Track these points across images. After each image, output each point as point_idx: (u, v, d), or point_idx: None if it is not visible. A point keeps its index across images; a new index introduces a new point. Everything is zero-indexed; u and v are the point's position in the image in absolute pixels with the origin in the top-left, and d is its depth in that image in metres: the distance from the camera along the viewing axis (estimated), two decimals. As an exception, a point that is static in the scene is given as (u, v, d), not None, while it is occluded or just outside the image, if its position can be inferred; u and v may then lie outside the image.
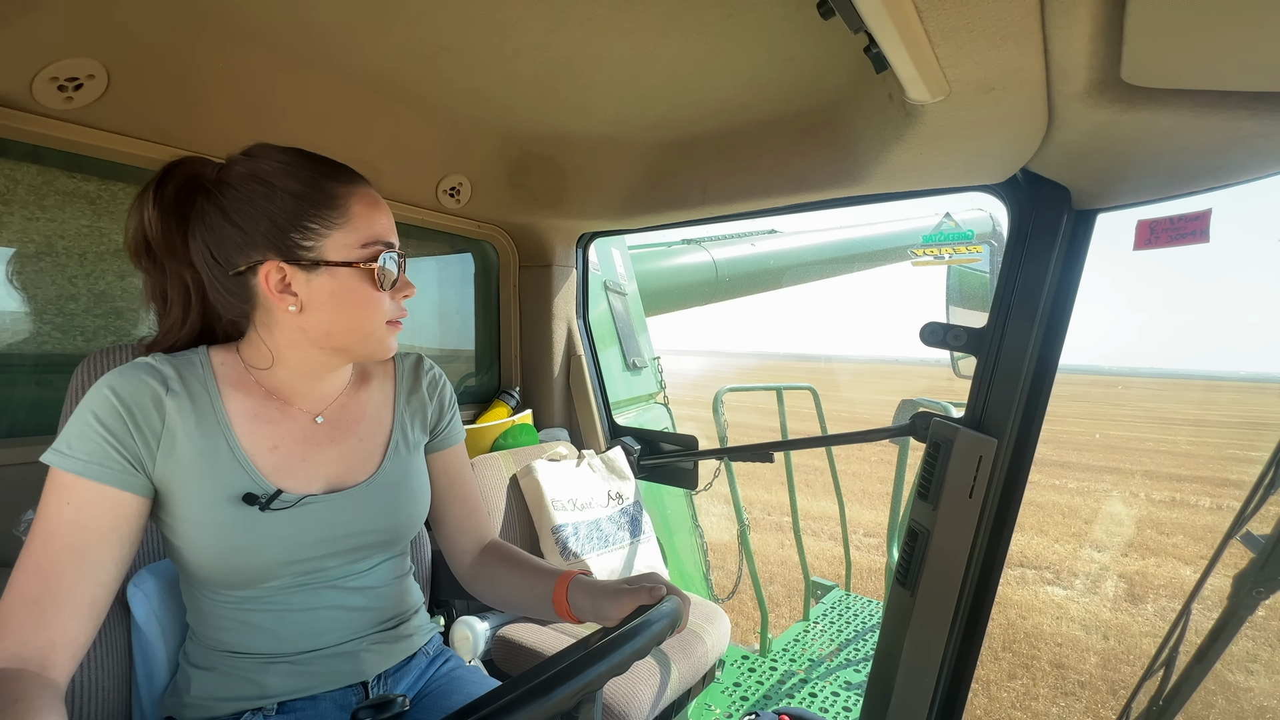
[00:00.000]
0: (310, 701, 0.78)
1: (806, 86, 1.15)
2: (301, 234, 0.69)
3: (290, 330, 0.73)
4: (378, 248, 0.73)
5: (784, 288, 4.16)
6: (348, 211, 0.71)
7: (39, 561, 0.62)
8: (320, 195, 0.70)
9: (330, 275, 0.70)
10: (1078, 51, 0.64)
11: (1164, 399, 33.43)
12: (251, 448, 0.74)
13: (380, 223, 0.74)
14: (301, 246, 0.69)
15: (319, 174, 0.71)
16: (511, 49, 1.04)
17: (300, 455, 0.77)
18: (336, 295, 0.71)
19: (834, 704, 2.05)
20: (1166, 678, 0.96)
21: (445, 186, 1.55)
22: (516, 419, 1.85)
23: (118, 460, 0.65)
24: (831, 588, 2.99)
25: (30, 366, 1.12)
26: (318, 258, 0.70)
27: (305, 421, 0.79)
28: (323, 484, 0.78)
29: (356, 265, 0.71)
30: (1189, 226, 0.98)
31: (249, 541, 0.71)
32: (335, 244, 0.70)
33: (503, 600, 0.91)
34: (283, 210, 0.69)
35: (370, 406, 0.85)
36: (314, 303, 0.71)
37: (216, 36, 0.96)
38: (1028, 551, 5.47)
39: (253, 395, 0.76)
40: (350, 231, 0.71)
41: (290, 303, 0.70)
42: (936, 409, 1.68)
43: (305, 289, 0.70)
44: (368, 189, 0.75)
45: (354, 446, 0.81)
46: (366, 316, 0.73)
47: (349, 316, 0.73)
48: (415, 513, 0.86)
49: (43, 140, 1.02)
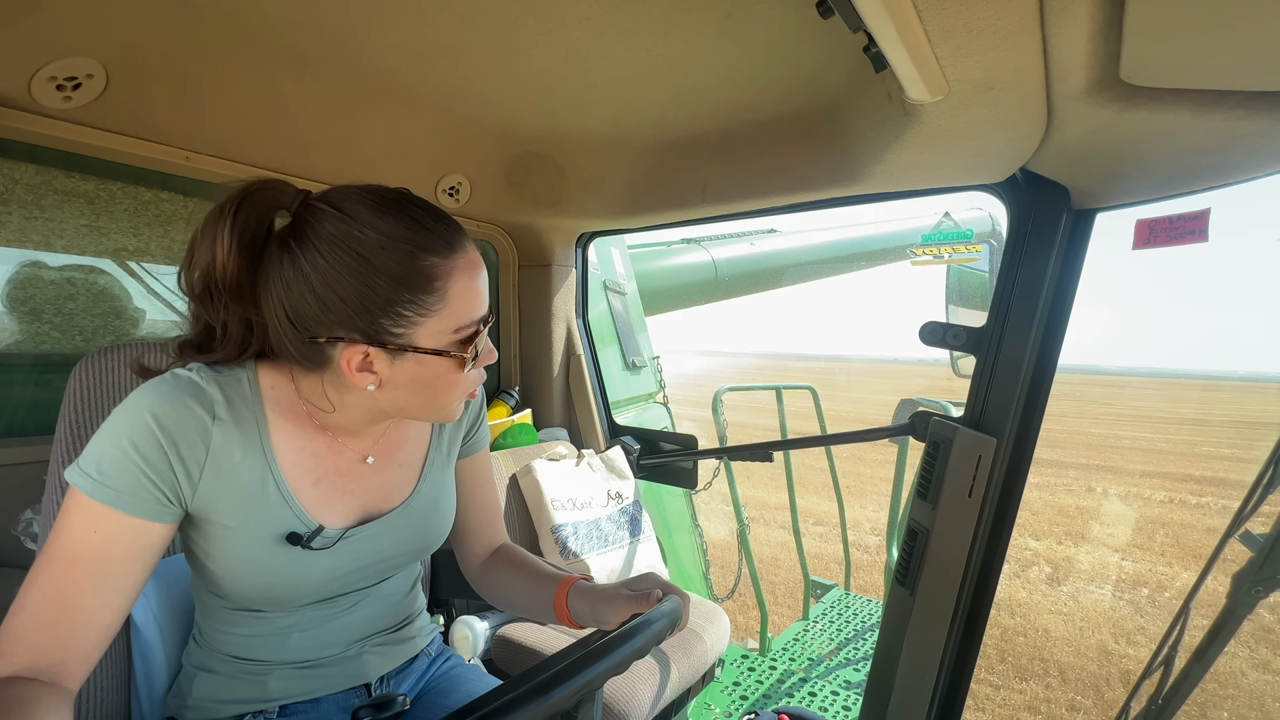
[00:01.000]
0: (313, 704, 0.78)
1: (806, 86, 1.15)
2: (393, 320, 0.62)
3: (363, 397, 0.68)
4: (470, 329, 0.66)
5: (783, 287, 4.16)
6: (445, 296, 0.64)
7: (60, 589, 0.58)
8: (418, 278, 0.62)
9: (417, 362, 0.65)
10: (1077, 51, 0.64)
11: (1155, 399, 33.52)
12: (296, 482, 0.70)
13: (477, 301, 0.67)
14: (390, 333, 0.63)
15: (419, 246, 0.62)
16: (511, 48, 1.03)
17: (342, 488, 0.74)
18: (420, 380, 0.66)
19: (833, 703, 2.05)
20: (1165, 677, 0.96)
21: (444, 186, 1.55)
22: (516, 418, 1.85)
23: (152, 493, 0.60)
24: (831, 587, 2.99)
25: (29, 366, 1.12)
26: (406, 344, 0.64)
27: (352, 458, 0.75)
28: (359, 514, 0.75)
29: (446, 355, 0.65)
30: (1188, 226, 0.98)
31: (287, 578, 0.69)
32: (428, 331, 0.64)
33: (507, 603, 0.91)
34: (375, 293, 0.61)
35: (412, 430, 0.82)
36: (395, 383, 0.66)
37: (215, 36, 0.95)
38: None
39: (302, 427, 0.71)
40: (446, 318, 0.64)
41: (370, 381, 0.65)
42: (936, 408, 1.69)
43: (388, 370, 0.65)
44: (469, 258, 0.66)
45: (394, 474, 0.79)
46: (448, 395, 0.69)
47: (431, 397, 0.68)
48: (445, 528, 0.85)
49: (41, 140, 1.01)
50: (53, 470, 0.81)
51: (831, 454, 3.13)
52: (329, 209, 0.62)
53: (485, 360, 0.71)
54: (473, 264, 0.66)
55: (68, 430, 0.81)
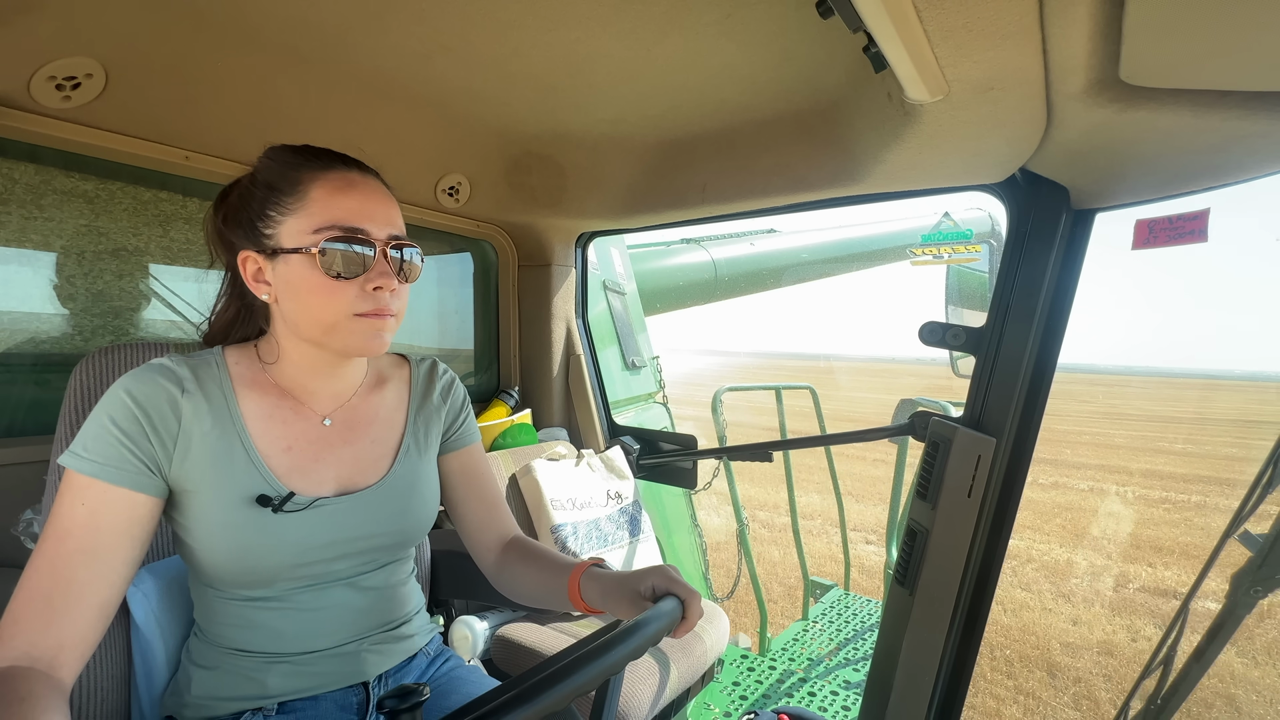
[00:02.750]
0: (311, 702, 0.78)
1: (805, 86, 1.15)
2: (264, 221, 0.70)
3: (278, 322, 0.75)
4: (331, 232, 0.68)
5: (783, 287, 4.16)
6: (305, 196, 0.69)
7: (52, 562, 0.62)
8: (284, 182, 0.70)
9: (285, 263, 0.70)
10: (1076, 51, 0.64)
11: (1133, 396, 33.53)
12: (266, 449, 0.74)
13: (344, 206, 0.69)
14: (264, 234, 0.70)
15: (294, 163, 0.71)
16: (510, 48, 1.03)
17: (313, 456, 0.77)
18: (291, 283, 0.70)
19: (833, 703, 2.05)
20: (1164, 676, 0.96)
21: (444, 186, 1.55)
22: (515, 418, 1.84)
23: (133, 463, 0.66)
24: (831, 587, 2.99)
25: (29, 366, 1.12)
26: (276, 245, 0.70)
27: (316, 422, 0.79)
28: (334, 486, 0.78)
29: (302, 251, 0.68)
30: (1187, 226, 0.98)
31: (261, 542, 0.71)
32: (289, 230, 0.69)
33: (527, 596, 0.91)
34: (253, 200, 0.71)
35: (384, 409, 0.85)
36: (281, 291, 0.71)
37: (214, 36, 0.95)
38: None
39: (267, 395, 0.76)
40: (304, 217, 0.69)
41: (264, 291, 0.72)
42: (935, 408, 1.69)
43: (273, 277, 0.71)
44: (345, 175, 0.72)
45: (365, 449, 0.82)
46: (321, 306, 0.69)
47: (307, 306, 0.70)
48: (424, 517, 0.86)
49: (41, 139, 1.01)
50: (53, 470, 0.81)
51: (831, 454, 3.13)
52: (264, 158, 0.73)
53: (374, 282, 0.70)
54: (348, 181, 0.72)
55: (68, 430, 0.81)
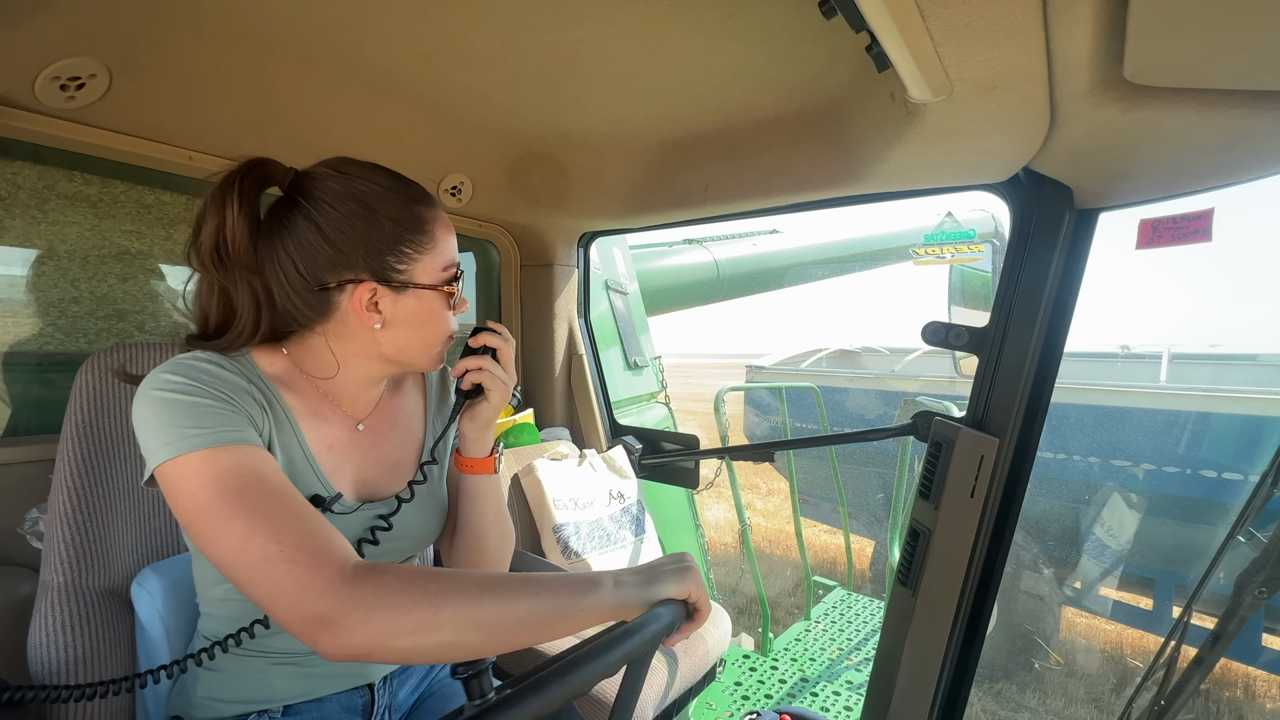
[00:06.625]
0: (316, 704, 0.78)
1: (808, 85, 1.15)
2: (396, 258, 0.72)
3: (365, 343, 0.75)
4: (455, 270, 0.78)
5: (786, 287, 4.16)
6: (434, 237, 0.75)
7: (256, 504, 0.58)
8: (413, 220, 0.73)
9: (416, 297, 0.74)
10: (1080, 50, 0.64)
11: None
12: (314, 444, 0.75)
13: (452, 249, 0.78)
14: (395, 269, 0.72)
15: (410, 198, 0.74)
16: (513, 47, 1.03)
17: (348, 457, 0.78)
18: (418, 315, 0.75)
19: (835, 703, 2.05)
20: (1167, 678, 0.95)
21: (446, 185, 1.55)
22: (518, 418, 1.85)
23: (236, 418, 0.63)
24: (833, 587, 2.99)
25: (34, 366, 1.13)
26: (408, 280, 0.73)
27: (351, 425, 0.80)
28: (365, 488, 0.79)
29: (439, 289, 0.75)
30: (1191, 226, 0.98)
31: None
32: (424, 268, 0.74)
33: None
34: (381, 234, 0.71)
35: (402, 415, 0.86)
36: (396, 321, 0.74)
37: (218, 36, 0.96)
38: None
39: (306, 396, 0.77)
40: (436, 256, 0.75)
41: (375, 320, 0.73)
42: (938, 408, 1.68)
43: (391, 308, 0.73)
44: (443, 212, 0.78)
45: (388, 453, 0.83)
46: (438, 334, 0.77)
47: (424, 334, 0.76)
48: (440, 523, 0.87)
49: (45, 140, 1.02)
50: (58, 469, 0.81)
51: (834, 454, 3.13)
52: (328, 171, 0.72)
53: (461, 307, 0.80)
54: (447, 220, 0.79)
55: (74, 429, 0.81)
